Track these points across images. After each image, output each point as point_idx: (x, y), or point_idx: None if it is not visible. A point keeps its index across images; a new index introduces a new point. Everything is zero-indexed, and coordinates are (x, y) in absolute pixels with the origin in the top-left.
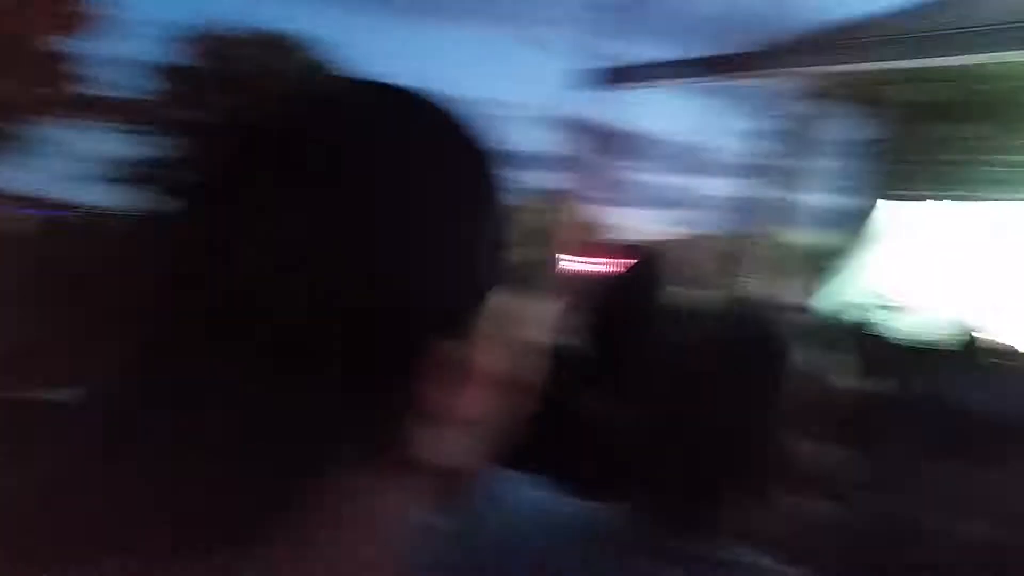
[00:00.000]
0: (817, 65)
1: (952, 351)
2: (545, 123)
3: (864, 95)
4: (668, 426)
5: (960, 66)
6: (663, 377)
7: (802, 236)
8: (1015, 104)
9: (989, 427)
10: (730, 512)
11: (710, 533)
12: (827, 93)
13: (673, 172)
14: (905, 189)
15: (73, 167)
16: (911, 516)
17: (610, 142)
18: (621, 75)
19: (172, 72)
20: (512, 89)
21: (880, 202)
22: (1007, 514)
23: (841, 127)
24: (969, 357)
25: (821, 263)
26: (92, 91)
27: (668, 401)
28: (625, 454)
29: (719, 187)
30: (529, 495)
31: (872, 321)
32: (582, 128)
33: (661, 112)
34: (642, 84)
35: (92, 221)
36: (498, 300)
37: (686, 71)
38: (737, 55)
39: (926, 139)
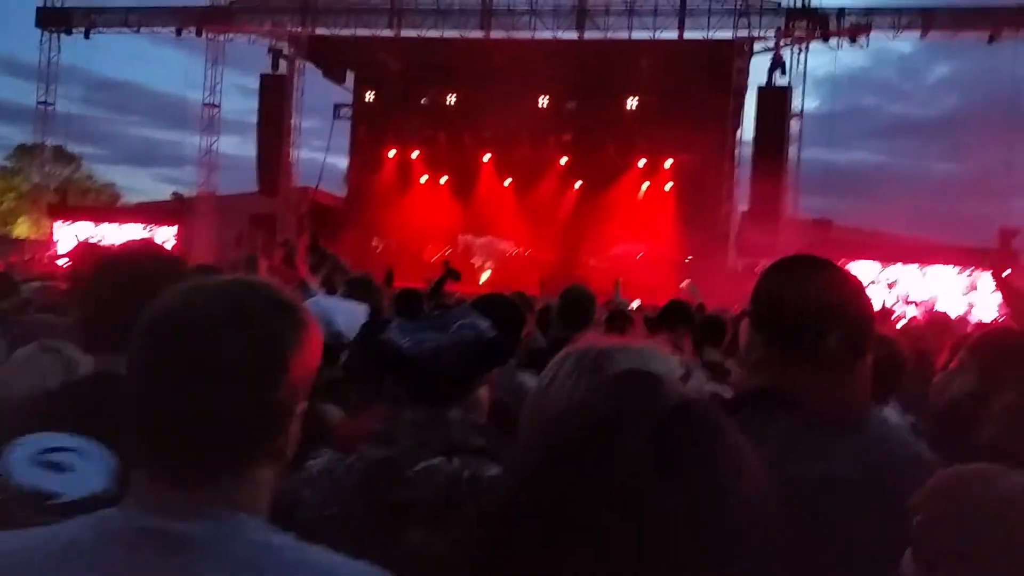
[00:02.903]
0: (303, 25)
1: None
2: (8, 67)
3: (351, 57)
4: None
5: (439, 37)
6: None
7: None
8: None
9: None
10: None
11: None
12: (313, 52)
13: (162, 127)
14: (392, 148)
15: None
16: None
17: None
18: (90, 19)
19: None
20: None
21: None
22: None
23: (328, 86)
24: None
25: None
26: None
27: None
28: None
29: (207, 143)
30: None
31: None
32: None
33: (143, 62)
34: (114, 30)
35: None
36: None
37: (160, 19)
38: (217, 8)
39: (414, 103)
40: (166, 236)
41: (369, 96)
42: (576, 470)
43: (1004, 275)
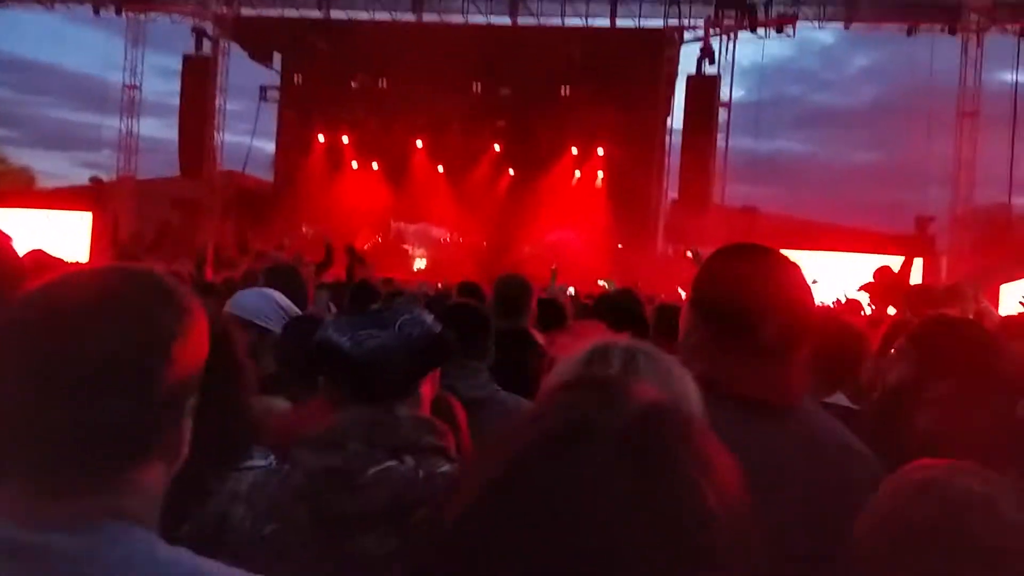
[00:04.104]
0: (228, 4)
1: None
2: None
3: (278, 39)
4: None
5: (370, 21)
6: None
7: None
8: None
9: None
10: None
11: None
12: (238, 33)
13: (79, 109)
14: (322, 132)
15: None
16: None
17: None
18: None
19: None
20: None
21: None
22: None
23: (253, 68)
24: None
25: None
26: None
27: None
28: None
29: (127, 126)
30: None
31: None
32: None
33: (57, 41)
34: (26, 6)
35: None
36: None
37: None
38: None
39: (344, 86)
40: (81, 222)
41: (297, 79)
42: (542, 478)
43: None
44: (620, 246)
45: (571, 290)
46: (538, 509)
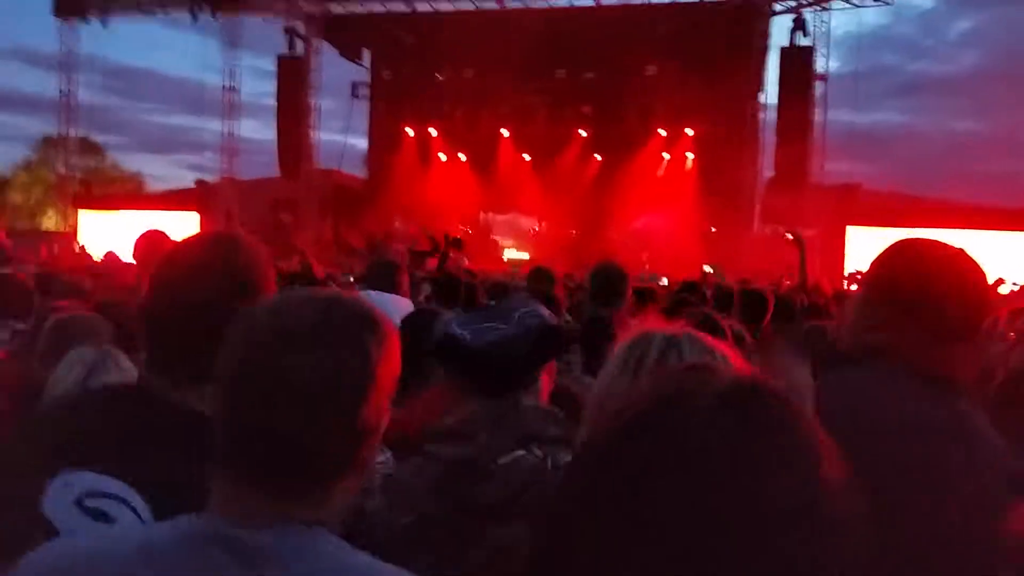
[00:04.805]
0: (318, 2)
1: None
2: (27, 57)
3: (366, 35)
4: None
5: (454, 11)
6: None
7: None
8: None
9: None
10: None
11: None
12: (328, 31)
13: (180, 112)
14: (410, 126)
15: None
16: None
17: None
18: (105, 5)
19: None
20: None
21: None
22: None
23: (342, 66)
24: None
25: None
26: None
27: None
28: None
29: (227, 128)
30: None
31: None
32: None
33: (157, 47)
34: (129, 15)
35: None
36: None
37: (174, 2)
38: None
39: (431, 79)
40: (189, 223)
41: (386, 74)
42: (649, 446)
43: None
44: (713, 229)
45: (664, 280)
46: (647, 465)
